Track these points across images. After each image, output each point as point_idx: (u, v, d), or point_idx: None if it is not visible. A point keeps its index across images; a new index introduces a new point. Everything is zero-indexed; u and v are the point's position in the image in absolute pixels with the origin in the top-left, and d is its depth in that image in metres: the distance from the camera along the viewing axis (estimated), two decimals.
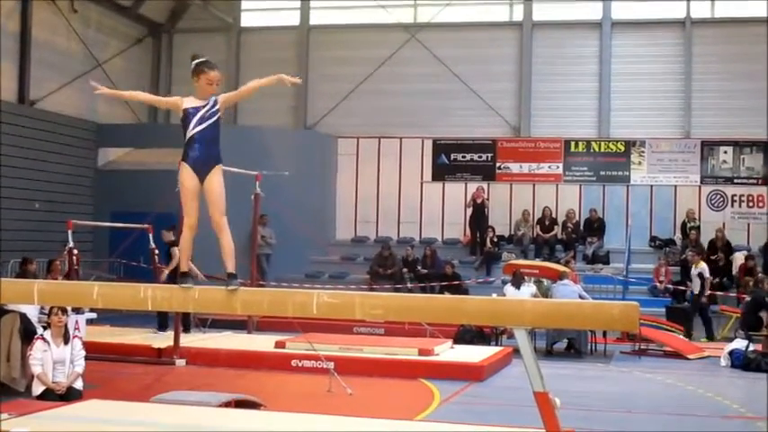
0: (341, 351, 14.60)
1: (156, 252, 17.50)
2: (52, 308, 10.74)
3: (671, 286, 22.03)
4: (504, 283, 19.67)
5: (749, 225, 24.46)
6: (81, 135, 24.45)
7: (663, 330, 18.86)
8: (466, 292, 21.45)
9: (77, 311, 13.32)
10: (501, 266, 22.67)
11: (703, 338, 19.59)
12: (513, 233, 25.43)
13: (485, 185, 25.68)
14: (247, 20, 28.01)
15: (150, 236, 17.61)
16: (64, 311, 10.81)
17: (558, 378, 13.14)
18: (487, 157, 26.05)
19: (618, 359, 17.00)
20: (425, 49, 26.34)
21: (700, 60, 25.09)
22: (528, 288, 18.15)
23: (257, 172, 17.46)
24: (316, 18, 27.63)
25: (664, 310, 20.67)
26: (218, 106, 7.23)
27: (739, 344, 16.35)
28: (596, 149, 25.49)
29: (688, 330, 19.52)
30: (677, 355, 17.25)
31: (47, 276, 16.66)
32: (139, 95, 7.63)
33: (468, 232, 25.54)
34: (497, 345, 17.19)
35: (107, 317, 15.70)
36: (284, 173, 20.21)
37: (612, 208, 25.35)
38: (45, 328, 11.24)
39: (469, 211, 25.34)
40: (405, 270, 23.72)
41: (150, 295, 6.86)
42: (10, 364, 11.56)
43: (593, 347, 17.61)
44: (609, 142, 25.39)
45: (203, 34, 27.63)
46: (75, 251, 15.96)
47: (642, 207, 25.16)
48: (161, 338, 15.75)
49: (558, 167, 25.69)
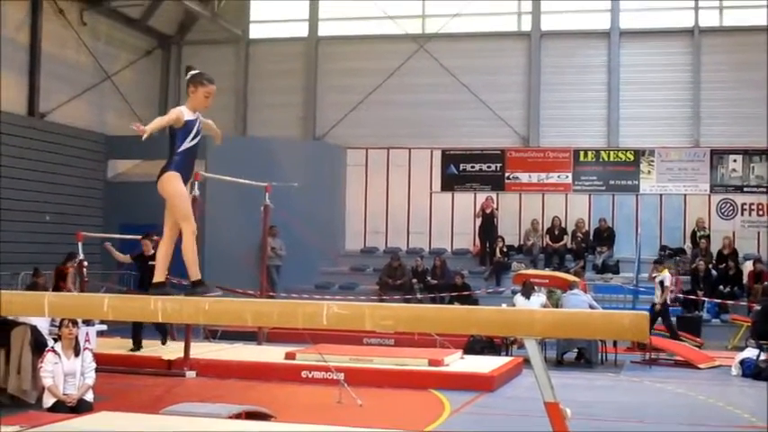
0: (351, 362, 14.60)
1: None
2: (63, 320, 10.75)
3: (681, 295, 21.98)
4: (514, 293, 19.64)
5: (759, 234, 24.40)
6: (90, 147, 24.49)
7: (673, 340, 18.82)
8: (476, 302, 21.42)
9: (88, 323, 13.37)
10: (511, 276, 22.65)
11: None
12: (522, 243, 25.41)
13: (494, 195, 25.66)
14: (256, 31, 28.04)
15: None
16: (74, 324, 10.81)
17: (569, 388, 13.13)
18: (496, 167, 26.04)
19: (628, 369, 16.96)
20: (434, 59, 26.35)
21: (708, 69, 25.05)
22: (538, 298, 18.11)
23: (267, 183, 17.49)
24: (324, 29, 27.66)
25: (674, 319, 20.63)
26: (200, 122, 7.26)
27: (750, 353, 16.31)
28: (605, 159, 25.47)
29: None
30: (688, 365, 17.21)
31: (56, 284, 16.71)
32: (161, 124, 7.41)
33: (478, 242, 25.52)
34: (507, 355, 17.17)
35: (117, 329, 15.72)
36: (293, 184, 20.23)
37: (622, 217, 25.30)
38: (56, 340, 11.25)
39: (479, 221, 25.32)
40: (414, 281, 23.70)
41: (160, 307, 6.84)
42: (21, 376, 11.58)
43: (603, 357, 17.58)
44: (618, 151, 25.36)
45: (212, 46, 27.68)
46: (84, 263, 16.06)
47: (652, 216, 25.12)
48: (170, 350, 15.77)
49: (568, 177, 25.67)
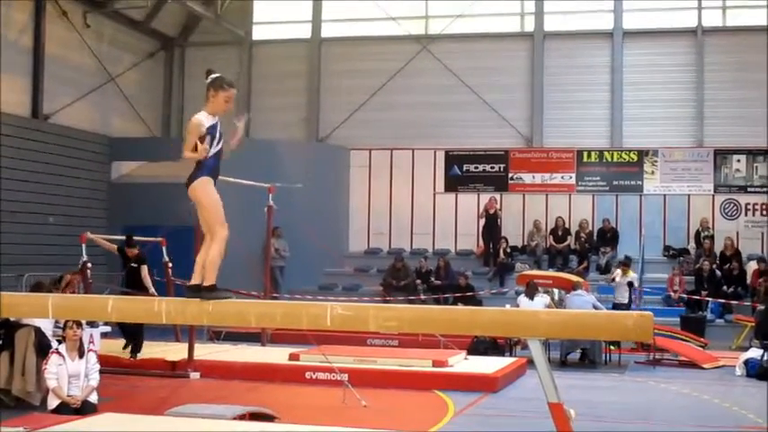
0: (355, 363, 14.60)
1: (170, 265, 17.53)
2: (67, 322, 10.75)
3: (685, 296, 21.98)
4: (518, 293, 19.63)
5: (763, 234, 24.38)
6: (94, 149, 24.52)
7: (677, 340, 18.82)
8: (479, 303, 21.39)
9: (92, 325, 13.38)
10: (514, 277, 22.64)
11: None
12: (526, 244, 25.41)
13: (497, 196, 25.63)
14: (259, 33, 28.05)
15: (164, 249, 17.65)
16: (79, 325, 10.83)
17: (573, 389, 13.12)
18: (500, 167, 26.04)
19: (632, 369, 16.95)
20: (437, 60, 26.36)
21: (712, 69, 25.04)
22: (542, 299, 18.09)
23: (270, 184, 17.50)
24: (327, 31, 27.67)
25: (678, 319, 20.65)
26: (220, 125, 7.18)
27: (754, 353, 16.30)
28: (609, 159, 25.45)
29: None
30: (692, 365, 17.20)
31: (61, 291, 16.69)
32: (193, 141, 7.01)
33: (482, 243, 25.50)
34: (511, 356, 17.17)
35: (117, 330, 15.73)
36: (297, 185, 20.26)
37: (626, 218, 25.28)
38: (60, 341, 11.27)
39: (482, 222, 25.30)
40: (418, 281, 23.70)
41: (164, 309, 6.86)
42: (25, 377, 11.60)
43: (607, 358, 17.56)
44: (621, 152, 25.35)
45: (215, 47, 27.70)
46: (89, 264, 16.06)
47: (655, 216, 25.10)
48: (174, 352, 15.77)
49: (571, 177, 25.66)
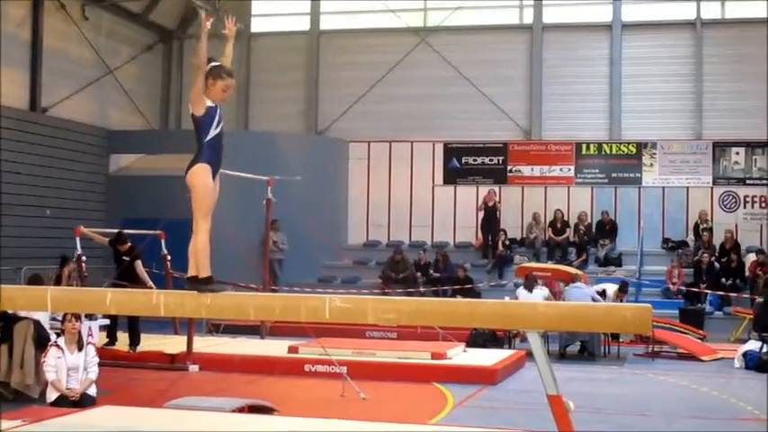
0: (354, 355, 14.61)
1: (169, 258, 17.53)
2: (66, 314, 10.75)
3: (684, 288, 21.99)
4: (517, 286, 19.63)
5: (762, 226, 24.37)
6: (92, 141, 24.52)
7: (676, 332, 18.83)
8: (478, 295, 21.44)
9: (90, 318, 13.38)
10: (513, 269, 22.65)
11: None
12: (525, 236, 25.40)
13: (496, 189, 25.64)
14: (258, 25, 28.05)
15: (162, 242, 17.65)
16: (77, 318, 10.82)
17: (572, 381, 13.13)
18: (499, 160, 26.03)
19: (631, 362, 16.97)
20: (436, 52, 26.33)
21: (711, 61, 25.02)
22: (540, 291, 18.09)
23: (269, 177, 17.50)
24: (326, 23, 27.64)
25: (677, 311, 20.66)
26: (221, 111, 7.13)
27: (753, 345, 16.32)
28: (608, 152, 25.45)
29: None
30: (691, 357, 17.22)
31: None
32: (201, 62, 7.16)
33: (480, 236, 25.50)
34: (510, 348, 17.19)
35: (120, 323, 15.72)
36: (296, 178, 20.24)
37: (624, 210, 25.28)
38: (58, 334, 11.26)
39: (481, 215, 25.28)
40: (417, 274, 23.71)
41: (163, 302, 6.86)
42: (24, 370, 11.59)
43: (606, 350, 17.58)
44: (620, 144, 25.34)
45: (214, 40, 27.42)
46: (83, 258, 16.06)
47: (654, 209, 25.10)
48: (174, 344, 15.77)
49: (570, 170, 25.66)
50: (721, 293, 21.65)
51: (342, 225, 26.61)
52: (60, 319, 11.22)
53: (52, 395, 10.61)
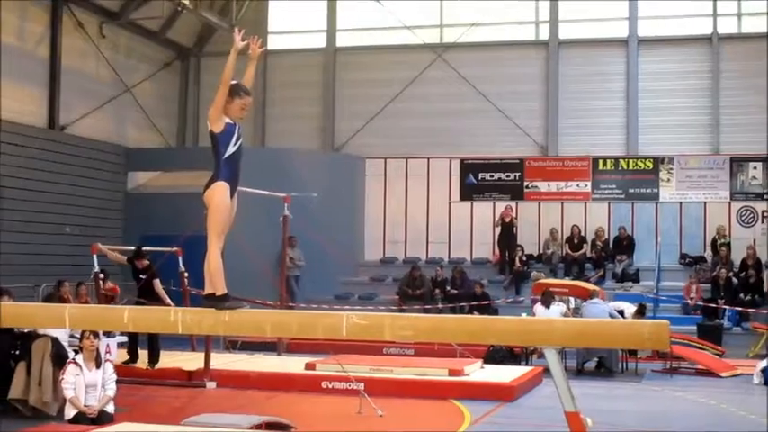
0: (371, 372, 14.59)
1: (186, 275, 17.56)
2: (84, 332, 10.79)
3: (701, 303, 21.90)
4: (534, 302, 19.59)
5: None
6: (110, 159, 24.60)
7: (694, 348, 18.75)
8: (495, 311, 21.40)
9: (108, 335, 13.42)
10: (530, 286, 22.59)
11: None
12: (542, 252, 25.36)
13: (513, 204, 25.61)
14: (274, 42, 28.12)
15: (180, 259, 17.69)
16: (96, 335, 10.86)
17: (590, 397, 13.07)
18: (515, 176, 26.01)
19: (649, 377, 16.90)
20: (452, 69, 26.36)
21: (727, 76, 24.97)
22: (558, 307, 18.06)
23: (286, 194, 17.53)
24: (342, 40, 27.73)
25: (695, 327, 20.57)
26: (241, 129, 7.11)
27: None
28: (624, 167, 25.40)
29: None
30: (709, 373, 17.14)
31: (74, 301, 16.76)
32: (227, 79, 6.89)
33: (497, 251, 25.48)
34: (527, 364, 17.13)
35: (140, 339, 15.75)
36: (312, 195, 20.27)
37: (642, 225, 25.21)
38: (76, 352, 11.30)
39: (498, 231, 25.26)
40: (434, 290, 23.68)
41: (180, 319, 6.86)
42: (42, 387, 11.64)
43: (624, 366, 17.52)
44: (637, 160, 25.30)
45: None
46: (101, 275, 16.12)
47: (672, 224, 25.02)
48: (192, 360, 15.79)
49: (587, 185, 25.61)
50: (739, 309, 21.56)
51: (358, 241, 26.61)
52: (78, 336, 11.26)
53: (70, 412, 10.65)
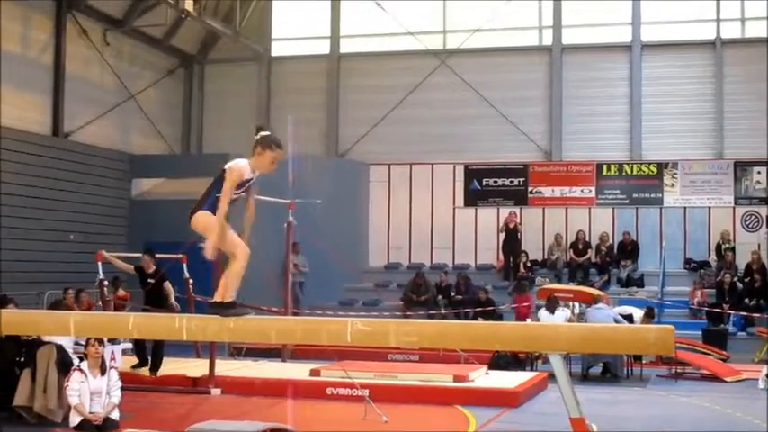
0: (376, 378, 14.58)
1: (191, 282, 17.54)
2: (89, 339, 10.80)
3: (706, 308, 21.86)
4: (539, 307, 19.57)
5: None
6: (115, 166, 24.63)
7: (699, 353, 18.71)
8: (500, 317, 21.38)
9: (113, 342, 13.42)
10: (535, 291, 22.58)
11: None
12: (546, 257, 25.35)
13: (517, 210, 25.62)
14: (278, 49, 28.16)
15: (185, 265, 17.68)
16: (100, 342, 10.87)
17: (595, 403, 13.06)
18: (519, 181, 26.01)
19: (654, 383, 16.87)
20: (455, 75, 26.38)
21: (731, 81, 24.97)
22: (562, 312, 18.05)
23: (290, 200, 17.52)
24: (346, 46, 27.76)
25: (700, 332, 20.53)
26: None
27: None
28: (628, 172, 25.40)
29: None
30: (714, 378, 17.10)
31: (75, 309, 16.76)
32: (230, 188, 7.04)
33: (502, 257, 25.47)
34: (532, 370, 17.12)
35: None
36: (316, 201, 20.25)
37: (646, 230, 25.20)
38: (81, 359, 11.31)
39: (502, 236, 25.26)
40: (439, 296, 23.67)
41: (185, 325, 6.86)
42: (47, 395, 11.63)
43: (629, 371, 17.49)
44: (641, 165, 25.29)
45: (234, 64, 27.85)
46: (105, 282, 16.13)
47: (676, 229, 25.01)
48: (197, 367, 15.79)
49: (591, 191, 25.61)
50: (744, 314, 21.52)
51: (363, 247, 26.62)
52: (83, 343, 11.27)
53: (75, 419, 10.66)
